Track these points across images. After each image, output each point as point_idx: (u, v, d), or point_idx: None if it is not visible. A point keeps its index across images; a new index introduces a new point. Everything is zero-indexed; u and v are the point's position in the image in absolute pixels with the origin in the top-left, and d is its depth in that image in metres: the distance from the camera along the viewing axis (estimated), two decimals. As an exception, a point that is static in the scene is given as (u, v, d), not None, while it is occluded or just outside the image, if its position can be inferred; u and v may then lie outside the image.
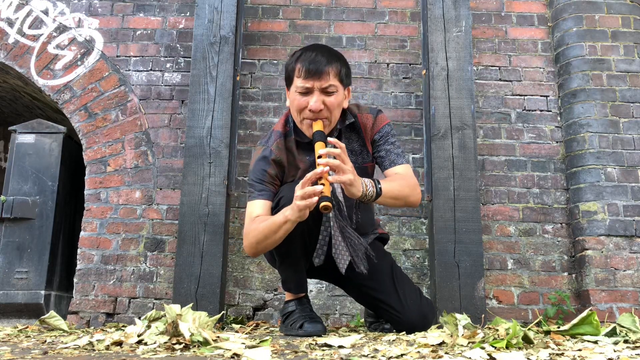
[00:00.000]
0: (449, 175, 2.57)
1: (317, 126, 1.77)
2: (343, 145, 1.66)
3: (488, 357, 1.21)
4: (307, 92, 1.78)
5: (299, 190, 1.62)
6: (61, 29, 3.06)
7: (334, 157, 1.63)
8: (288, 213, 1.67)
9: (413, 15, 3.10)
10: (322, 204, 1.55)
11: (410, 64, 3.02)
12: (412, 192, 1.83)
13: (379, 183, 1.75)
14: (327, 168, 1.60)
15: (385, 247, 2.17)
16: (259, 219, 1.79)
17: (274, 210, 1.81)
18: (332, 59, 1.80)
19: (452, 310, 2.32)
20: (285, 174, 1.89)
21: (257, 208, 1.83)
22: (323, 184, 1.59)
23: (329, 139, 1.67)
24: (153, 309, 2.65)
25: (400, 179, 1.84)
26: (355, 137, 1.93)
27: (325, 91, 1.77)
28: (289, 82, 1.85)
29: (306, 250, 1.85)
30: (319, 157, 1.64)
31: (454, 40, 2.74)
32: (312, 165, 1.84)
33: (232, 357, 1.24)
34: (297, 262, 1.86)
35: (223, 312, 2.50)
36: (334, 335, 1.83)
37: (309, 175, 1.62)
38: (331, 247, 1.85)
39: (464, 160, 2.59)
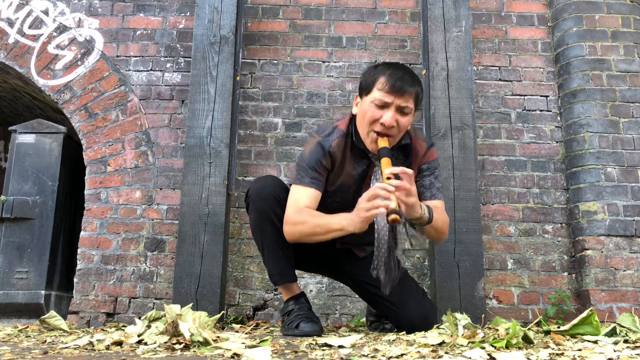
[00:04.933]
0: (449, 175, 2.57)
1: (383, 143, 1.77)
2: (410, 171, 1.67)
3: (488, 357, 1.21)
4: (384, 106, 1.77)
5: (365, 203, 1.64)
6: (61, 29, 3.06)
7: (398, 177, 1.65)
8: (345, 223, 1.70)
9: (413, 15, 3.10)
10: (392, 216, 1.58)
11: (410, 64, 3.02)
12: (446, 231, 1.89)
13: (431, 211, 1.78)
14: (393, 188, 1.61)
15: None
16: (308, 212, 1.78)
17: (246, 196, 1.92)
18: (415, 81, 1.80)
19: (452, 310, 2.32)
20: (333, 172, 1.89)
21: (305, 196, 1.81)
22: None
23: (396, 168, 1.67)
24: (153, 309, 2.65)
25: (443, 214, 1.87)
26: (403, 158, 1.92)
27: (401, 110, 1.78)
28: (365, 91, 1.82)
29: (282, 238, 1.85)
30: (388, 177, 1.65)
31: (454, 40, 2.74)
32: (362, 173, 1.88)
33: (232, 357, 1.24)
34: (274, 251, 1.87)
35: (223, 312, 2.50)
36: (334, 335, 1.83)
37: (375, 190, 1.62)
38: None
39: (464, 160, 2.59)
